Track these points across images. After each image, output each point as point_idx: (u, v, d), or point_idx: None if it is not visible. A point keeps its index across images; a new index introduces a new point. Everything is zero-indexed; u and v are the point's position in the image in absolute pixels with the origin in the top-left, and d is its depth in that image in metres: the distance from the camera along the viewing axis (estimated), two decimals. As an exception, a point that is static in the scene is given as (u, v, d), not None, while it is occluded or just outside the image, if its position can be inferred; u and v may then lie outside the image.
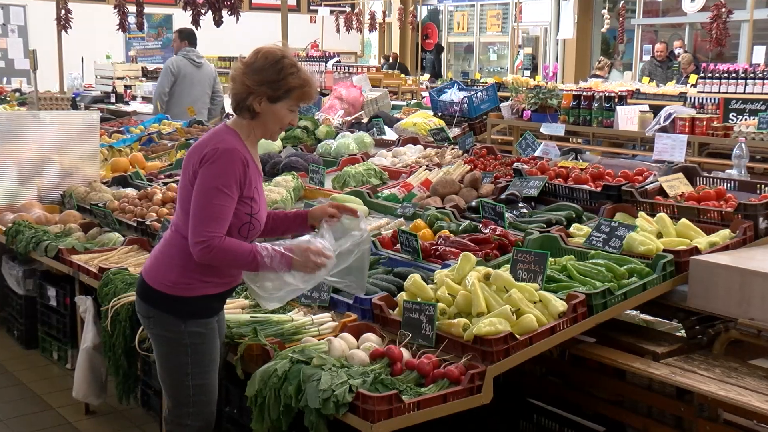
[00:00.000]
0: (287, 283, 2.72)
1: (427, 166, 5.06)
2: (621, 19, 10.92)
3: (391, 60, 15.80)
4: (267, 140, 3.04)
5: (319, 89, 7.26)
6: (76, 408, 4.31)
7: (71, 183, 5.63)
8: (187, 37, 8.37)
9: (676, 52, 12.29)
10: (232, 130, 2.76)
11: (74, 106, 10.05)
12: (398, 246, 3.68)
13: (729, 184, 3.92)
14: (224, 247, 2.62)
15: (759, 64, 7.78)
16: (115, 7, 10.37)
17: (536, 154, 5.14)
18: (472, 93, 7.56)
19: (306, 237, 2.78)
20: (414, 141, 5.95)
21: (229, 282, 2.81)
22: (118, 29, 9.59)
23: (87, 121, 5.79)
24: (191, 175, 2.69)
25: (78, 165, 5.69)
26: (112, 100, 11.03)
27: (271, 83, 2.68)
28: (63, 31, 9.82)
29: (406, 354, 2.79)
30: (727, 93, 7.34)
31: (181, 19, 11.28)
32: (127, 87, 11.76)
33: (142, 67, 12.84)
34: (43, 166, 5.69)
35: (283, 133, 6.09)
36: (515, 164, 4.59)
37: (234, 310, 3.31)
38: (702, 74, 7.63)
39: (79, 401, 4.24)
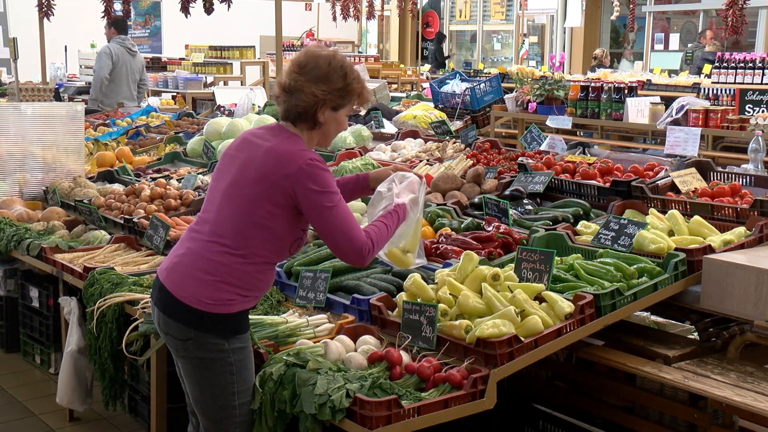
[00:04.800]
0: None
1: (427, 160, 5.04)
2: (631, 6, 10.77)
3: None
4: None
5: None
6: (60, 415, 4.24)
7: (54, 178, 5.54)
8: (115, 25, 8.78)
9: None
10: (297, 136, 2.67)
11: (57, 98, 9.96)
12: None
13: (744, 180, 3.89)
14: (377, 238, 2.68)
15: (777, 54, 7.65)
16: (100, -7, 10.21)
17: (542, 148, 5.12)
18: (475, 84, 7.47)
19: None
20: (414, 134, 5.91)
21: (261, 295, 2.74)
22: (103, 16, 9.39)
23: (71, 113, 5.71)
24: (268, 188, 2.56)
25: (62, 159, 5.62)
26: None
27: (339, 91, 2.63)
28: (45, 18, 9.67)
29: (405, 357, 2.75)
30: (743, 83, 7.25)
31: (170, 5, 11.13)
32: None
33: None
34: (24, 161, 5.60)
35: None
36: (520, 159, 4.56)
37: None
38: (717, 64, 7.50)
39: (63, 407, 4.16)
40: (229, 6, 9.46)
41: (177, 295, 2.60)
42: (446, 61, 17.53)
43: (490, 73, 9.41)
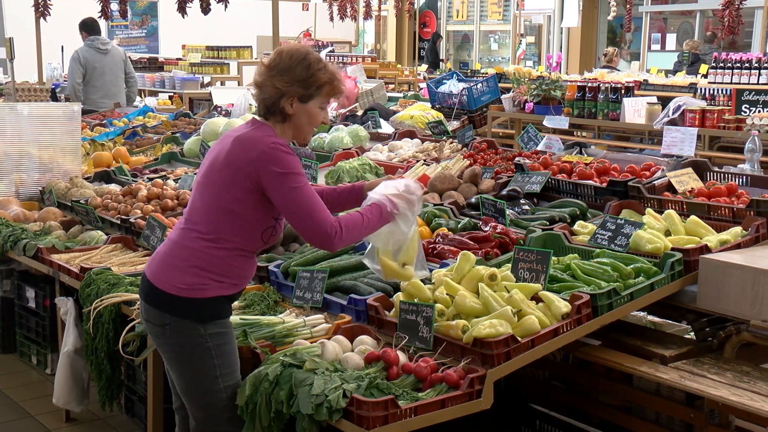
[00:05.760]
0: (398, 230, 2.83)
1: (424, 160, 5.03)
2: (628, 6, 10.78)
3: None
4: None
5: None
6: (57, 415, 4.22)
7: (51, 178, 5.53)
8: (85, 27, 8.86)
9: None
10: (268, 126, 2.72)
11: (54, 98, 9.94)
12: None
13: (741, 180, 3.87)
14: (347, 225, 2.67)
15: (773, 54, 7.64)
16: (96, -7, 10.20)
17: (539, 148, 5.10)
18: (472, 84, 7.47)
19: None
20: (411, 134, 5.91)
21: (240, 283, 2.77)
22: (99, 17, 9.43)
23: (67, 113, 5.69)
24: (233, 173, 2.63)
25: (58, 159, 5.60)
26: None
27: (302, 82, 2.68)
28: (41, 18, 9.66)
29: (402, 357, 2.75)
30: (739, 84, 7.26)
31: (166, 5, 11.09)
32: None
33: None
34: (21, 161, 5.58)
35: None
36: (517, 159, 4.56)
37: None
38: (713, 64, 7.50)
39: (60, 408, 4.15)
40: (225, 6, 9.45)
41: (154, 281, 2.69)
42: (440, 62, 17.53)
43: (487, 73, 9.40)
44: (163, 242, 2.79)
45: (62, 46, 12.59)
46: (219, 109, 7.86)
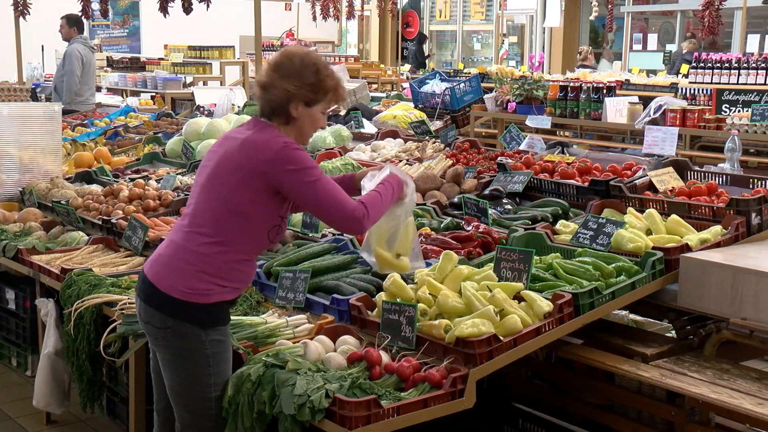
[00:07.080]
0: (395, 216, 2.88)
1: (407, 160, 5.05)
2: (610, 6, 10.85)
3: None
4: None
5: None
6: (37, 417, 4.19)
7: (31, 179, 5.48)
8: (76, 24, 9.00)
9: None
10: (272, 126, 2.73)
11: (34, 98, 9.88)
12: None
13: (721, 179, 3.89)
14: (370, 203, 2.71)
15: (753, 54, 7.71)
16: (77, -8, 10.11)
17: (521, 147, 5.12)
18: (455, 84, 7.48)
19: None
20: (394, 134, 5.92)
21: (241, 287, 2.77)
22: (80, 16, 9.38)
23: (48, 113, 5.64)
24: (245, 176, 2.62)
25: (39, 160, 5.55)
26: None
27: (310, 86, 2.69)
28: (21, 17, 9.59)
29: (385, 357, 2.75)
30: (719, 83, 7.32)
31: (148, 5, 11.03)
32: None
33: (107, 57, 12.58)
34: (1, 162, 5.51)
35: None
36: (499, 158, 4.56)
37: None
38: (694, 64, 7.56)
39: (40, 410, 4.11)
40: (208, 6, 9.40)
41: (157, 284, 2.66)
42: (426, 61, 17.55)
43: (469, 73, 9.42)
44: (164, 244, 2.75)
45: (42, 46, 12.48)
46: (201, 109, 7.83)
